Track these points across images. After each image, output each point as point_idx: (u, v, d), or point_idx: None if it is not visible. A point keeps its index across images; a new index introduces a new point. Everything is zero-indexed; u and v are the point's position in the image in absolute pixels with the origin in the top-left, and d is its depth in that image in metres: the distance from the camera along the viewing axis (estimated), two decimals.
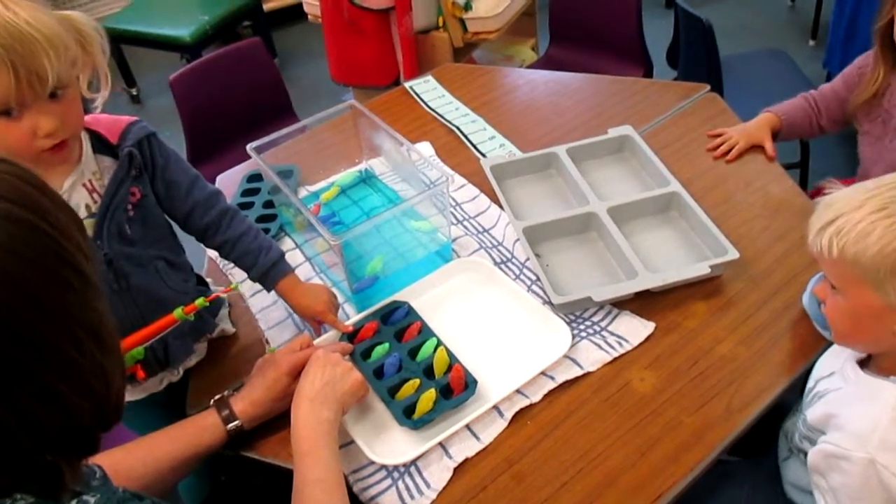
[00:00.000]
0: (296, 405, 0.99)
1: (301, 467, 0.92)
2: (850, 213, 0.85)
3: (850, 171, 1.81)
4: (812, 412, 0.97)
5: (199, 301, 1.04)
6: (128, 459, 0.97)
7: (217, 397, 1.06)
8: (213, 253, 1.45)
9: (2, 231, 0.52)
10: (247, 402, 1.04)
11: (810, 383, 1.03)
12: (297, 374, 1.06)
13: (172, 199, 1.13)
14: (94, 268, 0.60)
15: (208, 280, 1.31)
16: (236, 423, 1.03)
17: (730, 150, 1.48)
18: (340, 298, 1.29)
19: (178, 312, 1.03)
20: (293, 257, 1.40)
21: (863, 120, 1.45)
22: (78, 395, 0.57)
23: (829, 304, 0.94)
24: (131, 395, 1.17)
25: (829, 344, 1.09)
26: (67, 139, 0.95)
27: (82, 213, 1.01)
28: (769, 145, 1.48)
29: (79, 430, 0.59)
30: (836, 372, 0.98)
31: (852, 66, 1.48)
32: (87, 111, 1.03)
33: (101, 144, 1.04)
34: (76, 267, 0.57)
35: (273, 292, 1.19)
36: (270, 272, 1.17)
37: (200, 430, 1.02)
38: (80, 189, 1.01)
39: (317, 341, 1.17)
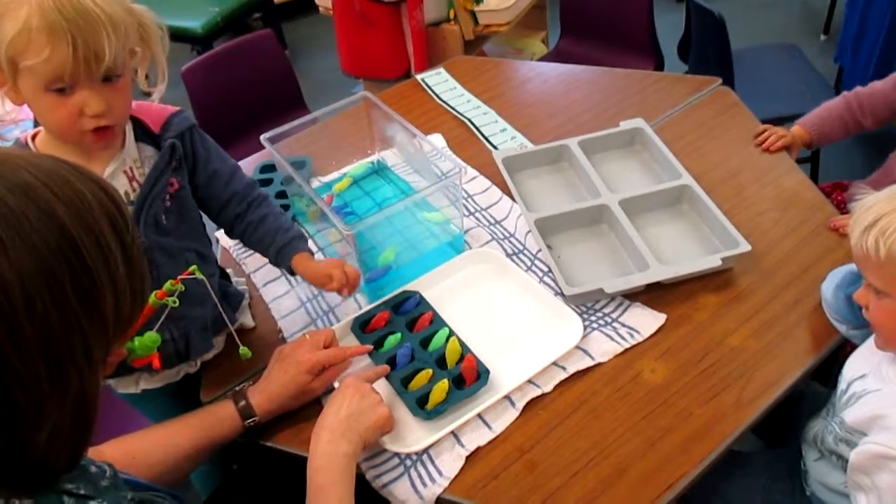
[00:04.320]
0: (316, 433, 0.96)
1: (314, 501, 0.90)
2: (894, 213, 0.85)
3: (862, 166, 1.81)
4: (851, 414, 0.96)
5: (167, 285, 0.98)
6: (145, 445, 0.98)
7: (236, 389, 1.07)
8: (226, 242, 1.46)
9: (39, 224, 0.52)
10: (264, 396, 1.04)
11: (842, 385, 1.02)
12: (317, 372, 1.06)
13: (212, 189, 1.13)
14: (119, 299, 0.57)
15: (228, 271, 1.32)
16: (253, 419, 1.03)
17: (770, 144, 1.48)
18: None
19: (151, 299, 0.97)
20: None
21: None
22: None
23: (874, 308, 0.93)
24: (147, 383, 1.18)
25: (841, 337, 1.10)
26: (112, 126, 0.96)
27: None
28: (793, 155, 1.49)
29: None
30: (868, 374, 0.97)
31: None
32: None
33: (143, 132, 1.05)
34: (88, 293, 0.54)
35: (286, 282, 1.18)
36: (287, 247, 1.15)
37: (218, 420, 1.03)
38: (121, 176, 1.02)
39: (335, 326, 1.18)
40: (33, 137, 0.99)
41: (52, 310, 0.52)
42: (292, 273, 1.18)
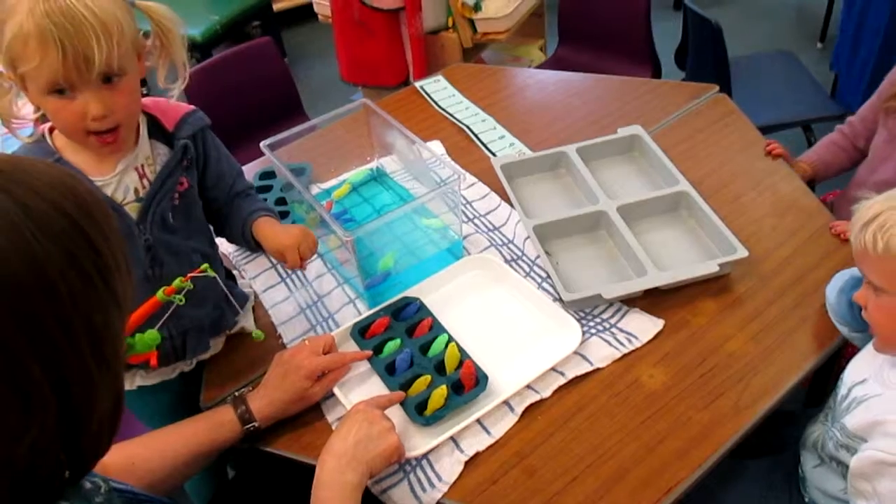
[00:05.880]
0: (322, 459, 0.94)
1: None
2: (892, 210, 0.86)
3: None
4: (852, 419, 0.96)
5: (177, 282, 0.99)
6: (145, 451, 0.98)
7: (235, 394, 1.07)
8: (226, 248, 1.46)
9: (47, 218, 0.52)
10: (264, 401, 1.05)
11: (842, 390, 1.02)
12: (316, 377, 1.07)
13: (218, 190, 1.14)
14: (124, 286, 0.58)
15: (235, 273, 1.32)
16: (253, 424, 1.03)
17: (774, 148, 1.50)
18: (352, 294, 1.30)
19: (159, 294, 0.99)
20: None
21: (887, 118, 1.44)
22: (51, 387, 0.51)
23: (872, 308, 0.93)
24: (144, 379, 1.17)
25: (841, 341, 1.10)
26: (120, 129, 0.96)
27: (130, 197, 1.03)
28: None
29: (38, 452, 0.52)
30: (869, 378, 0.97)
31: (885, 81, 1.47)
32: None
33: (156, 130, 1.05)
34: (105, 274, 0.55)
35: (286, 288, 1.18)
36: (249, 218, 1.15)
37: (217, 426, 1.03)
38: (132, 172, 1.03)
39: (335, 331, 1.19)
40: (51, 130, 1.00)
41: (90, 292, 0.53)
42: (259, 246, 1.17)
